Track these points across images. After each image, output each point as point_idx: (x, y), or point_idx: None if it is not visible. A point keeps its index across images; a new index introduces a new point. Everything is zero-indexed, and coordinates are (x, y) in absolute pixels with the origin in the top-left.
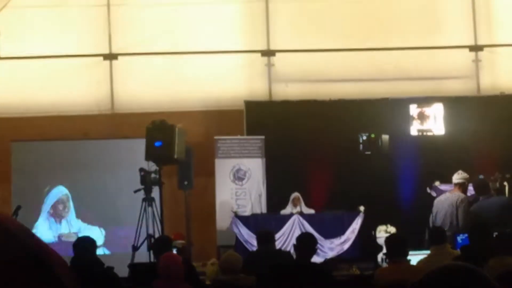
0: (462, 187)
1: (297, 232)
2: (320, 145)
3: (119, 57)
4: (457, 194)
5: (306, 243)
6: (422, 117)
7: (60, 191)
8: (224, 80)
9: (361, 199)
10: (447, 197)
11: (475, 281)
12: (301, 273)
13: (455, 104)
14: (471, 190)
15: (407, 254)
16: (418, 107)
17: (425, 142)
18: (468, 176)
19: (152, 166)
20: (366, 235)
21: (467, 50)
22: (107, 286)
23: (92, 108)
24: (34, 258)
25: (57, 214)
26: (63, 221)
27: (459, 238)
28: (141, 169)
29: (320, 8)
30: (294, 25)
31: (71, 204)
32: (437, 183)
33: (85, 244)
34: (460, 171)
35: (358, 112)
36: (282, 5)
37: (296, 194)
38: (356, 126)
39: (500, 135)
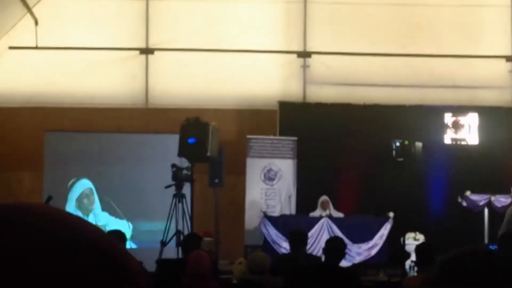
0: None
1: (325, 235)
2: (353, 149)
3: (156, 52)
4: None
5: (335, 247)
6: (456, 126)
7: (83, 185)
8: (259, 79)
9: (391, 205)
10: None
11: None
12: (330, 276)
13: (489, 114)
14: None
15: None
16: (453, 115)
17: (458, 151)
18: None
19: (184, 163)
20: (394, 242)
21: (503, 60)
22: None
23: (126, 101)
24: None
25: (83, 208)
26: (90, 214)
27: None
28: (173, 165)
29: (358, 12)
30: (331, 28)
31: (95, 197)
32: (468, 193)
33: (115, 238)
34: None
35: (392, 118)
36: (320, 7)
37: (324, 198)
38: (389, 132)
39: None
